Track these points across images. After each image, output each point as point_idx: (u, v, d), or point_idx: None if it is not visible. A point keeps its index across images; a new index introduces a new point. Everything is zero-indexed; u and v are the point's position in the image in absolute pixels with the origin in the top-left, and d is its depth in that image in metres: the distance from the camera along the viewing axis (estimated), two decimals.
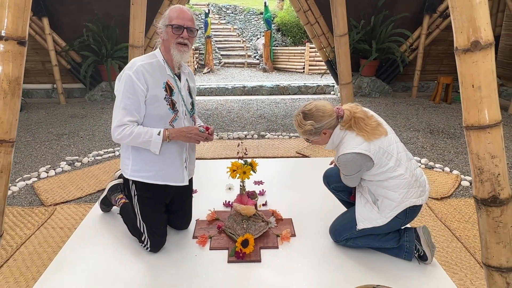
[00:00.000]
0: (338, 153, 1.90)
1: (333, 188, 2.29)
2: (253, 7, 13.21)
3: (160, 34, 1.93)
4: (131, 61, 1.93)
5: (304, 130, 1.91)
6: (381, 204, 1.93)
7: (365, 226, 1.97)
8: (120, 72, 1.93)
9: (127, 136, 1.85)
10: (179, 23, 1.86)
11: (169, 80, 1.95)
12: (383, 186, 1.90)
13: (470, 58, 1.19)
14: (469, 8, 1.16)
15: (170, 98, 1.95)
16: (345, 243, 2.10)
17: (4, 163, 1.24)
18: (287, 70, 10.50)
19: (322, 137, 1.93)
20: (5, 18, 1.15)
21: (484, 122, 1.19)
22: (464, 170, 3.44)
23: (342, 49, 2.98)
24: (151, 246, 2.07)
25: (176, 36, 1.87)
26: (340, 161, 1.87)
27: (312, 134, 1.91)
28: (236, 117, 5.40)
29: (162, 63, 1.94)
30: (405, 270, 1.95)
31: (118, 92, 1.88)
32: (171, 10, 1.90)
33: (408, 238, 2.02)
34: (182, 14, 1.87)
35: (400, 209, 1.91)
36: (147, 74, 1.87)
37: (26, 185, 3.18)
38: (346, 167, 1.88)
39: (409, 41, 6.20)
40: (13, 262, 2.12)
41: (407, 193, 1.89)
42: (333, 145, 1.94)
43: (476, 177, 1.26)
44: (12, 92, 1.20)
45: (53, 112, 5.64)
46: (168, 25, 1.87)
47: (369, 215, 1.96)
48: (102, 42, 5.99)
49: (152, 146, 1.90)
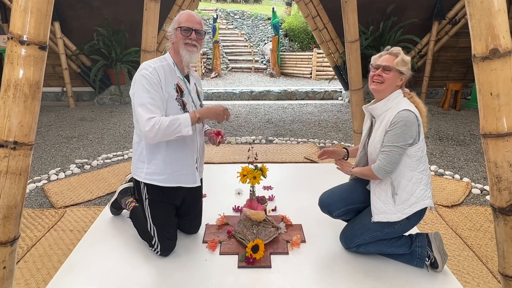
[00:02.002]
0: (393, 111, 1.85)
1: (336, 215, 2.17)
2: (261, 12, 13.29)
3: (170, 38, 2.00)
4: (143, 64, 1.97)
5: (403, 60, 1.87)
6: (399, 199, 1.90)
7: (379, 219, 1.92)
8: (133, 77, 1.97)
9: (158, 124, 1.80)
10: (188, 25, 1.94)
11: (179, 82, 2.01)
12: (407, 178, 1.88)
13: (488, 66, 1.18)
14: (488, 16, 1.16)
15: (181, 99, 1.99)
16: (357, 249, 2.08)
17: (23, 166, 1.26)
18: (294, 75, 10.52)
19: (396, 78, 1.89)
20: (27, 23, 1.17)
21: (503, 130, 1.18)
22: (474, 177, 3.40)
23: (353, 55, 2.98)
24: (161, 249, 2.07)
25: (185, 37, 1.94)
26: (400, 117, 1.80)
27: (403, 66, 1.87)
28: (244, 122, 5.41)
29: (172, 66, 2.00)
30: (416, 279, 1.93)
31: (136, 91, 1.89)
32: (180, 14, 1.99)
33: (420, 243, 1.99)
34: (190, 18, 1.96)
35: (418, 208, 1.90)
36: (162, 74, 1.92)
37: (37, 187, 3.20)
38: (402, 127, 1.80)
39: (417, 47, 6.19)
40: (23, 264, 2.13)
41: (425, 192, 1.90)
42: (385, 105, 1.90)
43: (493, 186, 1.25)
44: (33, 95, 1.21)
45: (63, 115, 5.70)
46: (178, 27, 1.95)
47: (384, 208, 1.92)
48: (112, 46, 6.06)
49: (182, 126, 1.84)
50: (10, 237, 1.30)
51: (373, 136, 1.96)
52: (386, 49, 1.95)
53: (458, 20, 6.00)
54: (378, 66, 1.91)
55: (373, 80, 1.92)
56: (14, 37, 1.20)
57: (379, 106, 1.93)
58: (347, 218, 2.19)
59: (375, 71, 1.92)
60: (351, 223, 2.15)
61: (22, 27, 1.18)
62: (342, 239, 2.16)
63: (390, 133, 1.83)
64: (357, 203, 2.12)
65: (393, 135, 1.82)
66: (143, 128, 1.83)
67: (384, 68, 1.88)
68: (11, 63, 1.21)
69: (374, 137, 1.95)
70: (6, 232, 1.29)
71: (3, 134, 1.22)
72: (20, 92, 1.20)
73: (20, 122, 1.21)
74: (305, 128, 5.07)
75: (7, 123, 1.21)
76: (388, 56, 1.90)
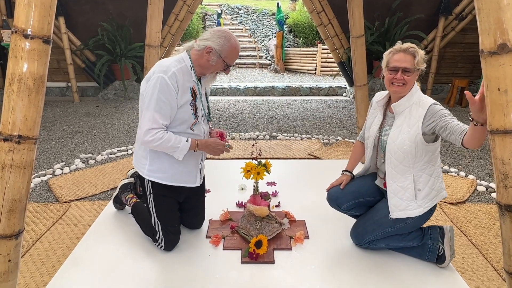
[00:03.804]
0: (418, 106, 1.84)
1: (345, 209, 2.14)
2: (265, 8, 13.21)
3: (207, 53, 1.90)
4: (162, 64, 1.89)
5: (421, 58, 1.84)
6: (422, 194, 1.89)
7: (399, 216, 1.90)
8: (148, 73, 1.92)
9: (158, 140, 1.84)
10: (230, 63, 1.97)
11: (194, 86, 1.98)
12: (429, 173, 1.88)
13: (496, 61, 1.16)
14: (497, 10, 1.14)
15: (194, 103, 1.97)
16: (368, 246, 2.07)
17: (28, 160, 1.26)
18: (298, 71, 10.47)
19: (415, 76, 1.86)
20: (31, 17, 1.17)
21: (510, 126, 1.17)
22: (480, 175, 3.38)
23: (358, 51, 2.96)
24: (166, 244, 2.08)
25: (222, 69, 1.98)
26: (435, 107, 1.81)
27: (423, 64, 1.84)
28: (248, 117, 5.40)
29: (189, 69, 1.95)
30: (421, 275, 1.92)
31: (149, 94, 1.85)
32: (232, 47, 1.91)
33: (433, 236, 1.98)
34: (236, 57, 1.98)
35: (437, 200, 1.93)
36: (180, 80, 1.88)
37: (42, 181, 3.22)
38: (444, 110, 1.80)
39: (423, 43, 6.13)
40: (29, 257, 2.15)
41: (442, 183, 1.94)
42: (408, 101, 1.86)
43: (500, 183, 1.24)
44: (37, 90, 1.21)
45: (67, 110, 5.72)
46: (224, 62, 1.93)
47: (405, 205, 1.89)
48: (116, 41, 6.06)
49: (178, 152, 1.91)
50: (15, 231, 1.30)
51: (395, 132, 1.89)
52: (397, 45, 1.87)
53: (465, 15, 5.92)
54: (396, 68, 1.83)
55: (394, 83, 1.85)
56: (18, 30, 1.19)
57: (402, 102, 1.88)
58: (355, 212, 2.17)
59: (393, 73, 1.84)
60: (361, 219, 2.12)
61: (26, 20, 1.18)
62: (353, 235, 2.13)
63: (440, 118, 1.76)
64: (367, 197, 2.11)
65: (445, 116, 1.76)
66: (142, 136, 1.86)
67: (404, 70, 1.82)
68: (15, 57, 1.21)
69: (396, 133, 1.88)
70: (11, 225, 1.29)
71: (7, 128, 1.22)
72: (24, 86, 1.20)
73: (25, 116, 1.21)
74: (309, 124, 5.06)
75: (11, 117, 1.21)
76: (404, 56, 1.82)
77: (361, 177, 2.19)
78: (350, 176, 2.18)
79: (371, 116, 2.09)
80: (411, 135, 1.82)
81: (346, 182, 2.16)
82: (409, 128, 1.83)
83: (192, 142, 1.94)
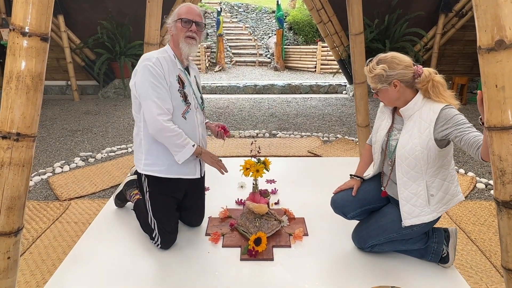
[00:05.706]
0: (429, 109, 1.71)
1: (351, 217, 2.08)
2: (265, 5, 13.19)
3: (169, 30, 2.00)
4: (144, 55, 1.97)
5: (374, 75, 1.73)
6: (435, 199, 1.80)
7: (412, 223, 1.82)
8: (134, 69, 1.96)
9: (170, 131, 1.88)
10: (188, 17, 1.95)
11: (180, 74, 2.01)
12: (442, 177, 1.79)
13: (494, 58, 1.16)
14: (494, 6, 1.13)
15: (183, 90, 2.00)
16: (371, 249, 2.02)
17: (26, 157, 1.26)
18: (298, 69, 10.47)
19: (391, 89, 1.74)
20: (29, 14, 1.17)
21: (507, 123, 1.16)
22: (479, 172, 3.38)
23: (357, 48, 2.95)
24: (162, 243, 2.08)
25: (185, 29, 1.95)
26: (451, 110, 1.68)
27: (382, 81, 1.72)
28: (248, 115, 5.40)
29: (173, 58, 2.00)
30: (420, 272, 1.93)
31: (141, 84, 1.88)
32: (180, 7, 1.99)
33: (437, 239, 1.93)
34: (190, 10, 1.97)
35: (452, 204, 1.83)
36: (165, 66, 1.93)
37: (42, 179, 3.23)
38: (458, 115, 1.66)
39: (423, 41, 6.12)
40: (29, 255, 2.16)
41: (457, 187, 1.84)
42: (416, 104, 1.74)
43: (497, 179, 1.24)
44: (35, 87, 1.21)
45: (67, 109, 5.73)
46: (178, 19, 1.95)
47: (418, 211, 1.81)
48: (116, 39, 6.06)
49: (181, 153, 1.94)
50: (14, 228, 1.31)
51: (405, 137, 1.78)
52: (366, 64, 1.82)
53: (465, 12, 5.91)
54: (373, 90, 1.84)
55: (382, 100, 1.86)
56: (16, 28, 1.19)
57: (410, 106, 1.77)
58: (360, 218, 2.11)
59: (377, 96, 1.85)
60: (365, 223, 2.05)
61: (23, 18, 1.18)
62: (356, 239, 2.07)
63: (455, 126, 1.64)
64: (373, 203, 2.03)
65: (460, 124, 1.64)
66: (153, 124, 1.87)
67: (376, 93, 1.82)
68: (13, 54, 1.21)
69: (406, 138, 1.77)
70: (10, 223, 1.30)
71: (6, 126, 1.23)
72: (23, 84, 1.20)
73: (23, 113, 1.21)
74: (309, 122, 5.06)
75: (9, 114, 1.21)
76: (372, 80, 1.78)
77: (366, 182, 2.10)
78: (360, 181, 2.09)
79: (378, 120, 2.00)
80: (423, 141, 1.71)
81: (357, 188, 2.06)
82: (420, 133, 1.72)
83: (197, 148, 1.99)
